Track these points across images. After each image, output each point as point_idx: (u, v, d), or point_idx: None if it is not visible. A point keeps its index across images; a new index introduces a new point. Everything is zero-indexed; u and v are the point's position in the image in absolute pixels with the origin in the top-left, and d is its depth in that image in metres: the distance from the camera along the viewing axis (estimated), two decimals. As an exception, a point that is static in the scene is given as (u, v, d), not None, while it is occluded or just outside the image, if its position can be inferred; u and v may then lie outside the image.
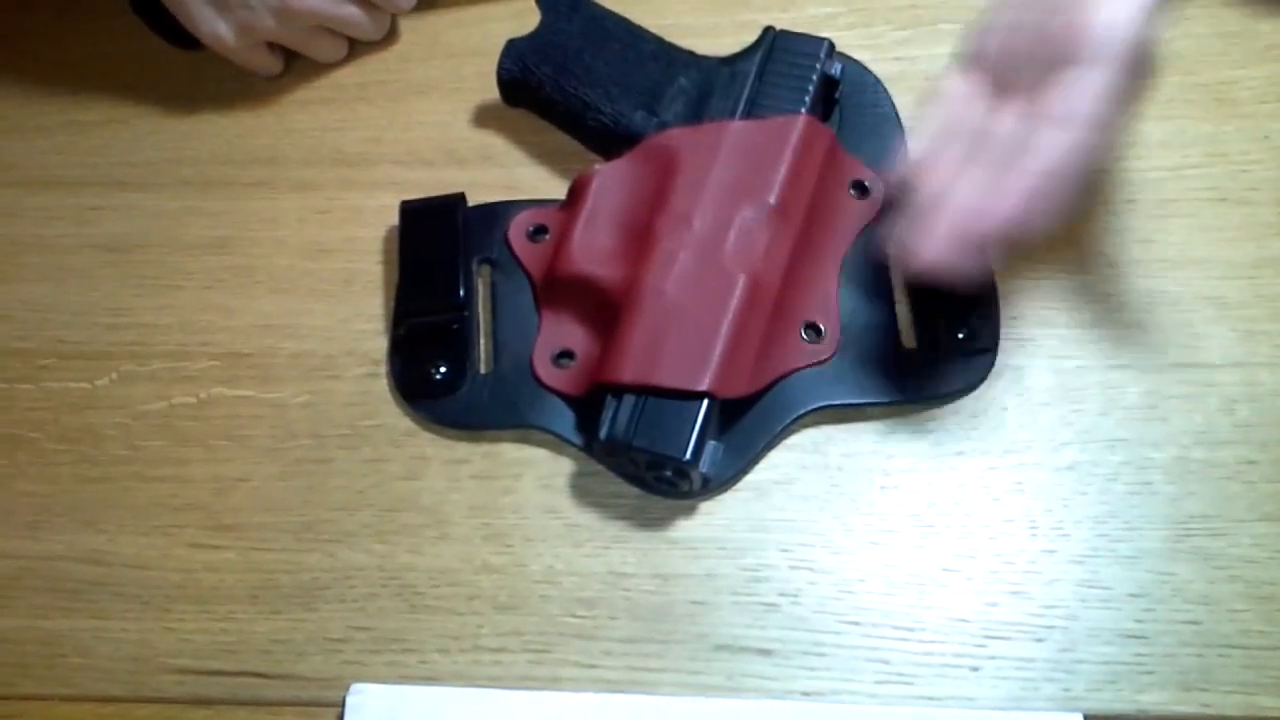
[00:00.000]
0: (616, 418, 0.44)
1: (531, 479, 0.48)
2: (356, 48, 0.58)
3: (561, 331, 0.49)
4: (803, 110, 0.49)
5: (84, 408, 0.51)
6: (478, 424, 0.49)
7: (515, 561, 0.47)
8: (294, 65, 0.58)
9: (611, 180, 0.50)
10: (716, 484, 0.47)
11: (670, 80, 0.51)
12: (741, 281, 0.46)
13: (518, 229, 0.51)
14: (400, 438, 0.49)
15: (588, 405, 0.47)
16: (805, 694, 0.44)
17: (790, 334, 0.48)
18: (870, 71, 0.54)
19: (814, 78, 0.49)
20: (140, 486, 0.49)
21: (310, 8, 0.54)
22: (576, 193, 0.51)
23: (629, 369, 0.45)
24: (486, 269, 0.52)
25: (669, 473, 0.45)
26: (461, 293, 0.50)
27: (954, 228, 0.41)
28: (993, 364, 0.48)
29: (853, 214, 0.50)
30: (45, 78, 0.59)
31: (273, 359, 0.51)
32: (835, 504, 0.47)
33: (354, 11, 0.56)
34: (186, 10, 0.54)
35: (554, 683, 0.44)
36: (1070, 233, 0.50)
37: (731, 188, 0.47)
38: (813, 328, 0.48)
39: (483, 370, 0.50)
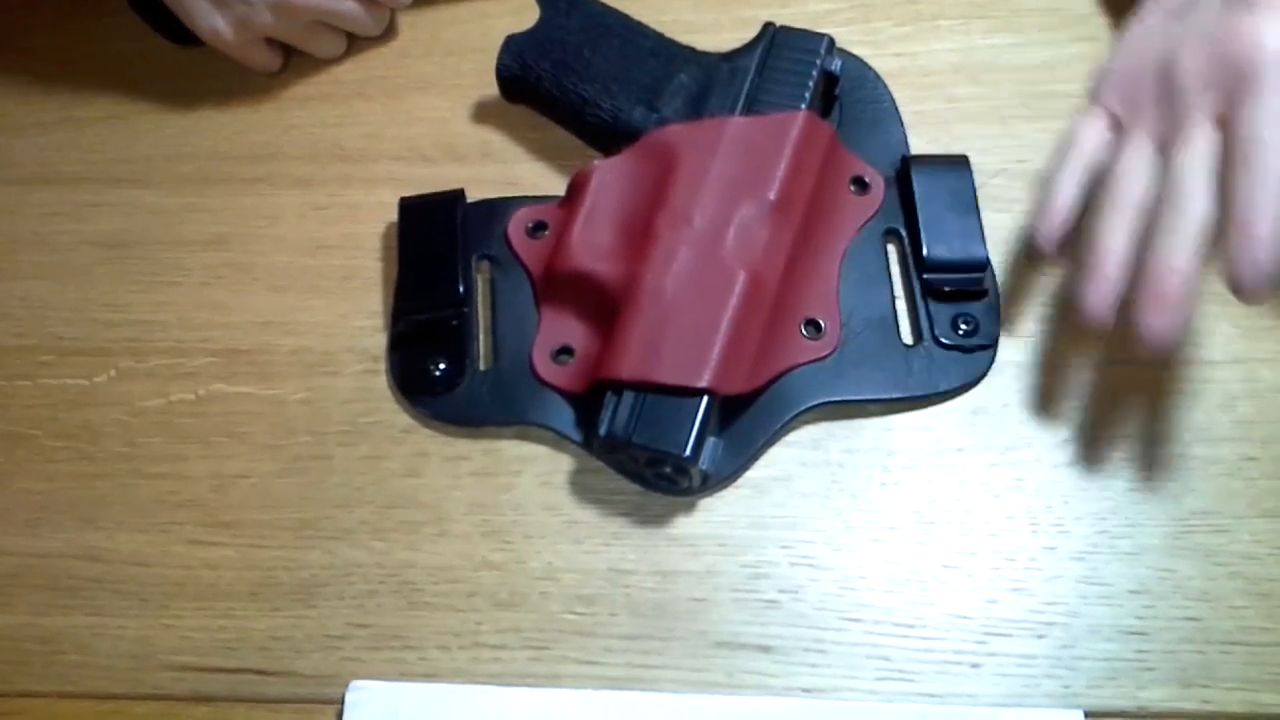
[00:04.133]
0: (616, 414, 0.44)
1: (531, 476, 0.48)
2: (355, 44, 0.58)
3: (561, 328, 0.49)
4: (803, 106, 0.49)
5: (82, 404, 0.51)
6: (477, 421, 0.49)
7: (515, 558, 0.46)
8: (293, 62, 0.58)
9: (611, 177, 0.50)
10: (716, 481, 0.47)
11: (670, 76, 0.51)
12: (741, 278, 0.46)
13: (517, 225, 0.51)
14: (399, 434, 0.49)
15: (587, 402, 0.47)
16: (806, 691, 0.44)
17: (790, 330, 0.48)
18: (870, 67, 0.54)
19: (814, 74, 0.49)
20: (139, 483, 0.49)
21: (308, 3, 0.54)
22: (576, 189, 0.51)
23: (628, 366, 0.45)
24: (486, 265, 0.52)
25: (669, 469, 0.45)
26: (461, 289, 0.50)
27: (1175, 293, 0.39)
28: (993, 360, 0.48)
29: (852, 210, 0.50)
30: (44, 74, 0.59)
31: (271, 355, 0.51)
32: (835, 501, 0.47)
33: (352, 6, 0.55)
34: (185, 5, 0.54)
35: (554, 680, 0.44)
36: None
37: (731, 184, 0.47)
38: (813, 324, 0.48)
39: (482, 367, 0.50)
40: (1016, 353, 0.48)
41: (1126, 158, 0.42)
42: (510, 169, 0.54)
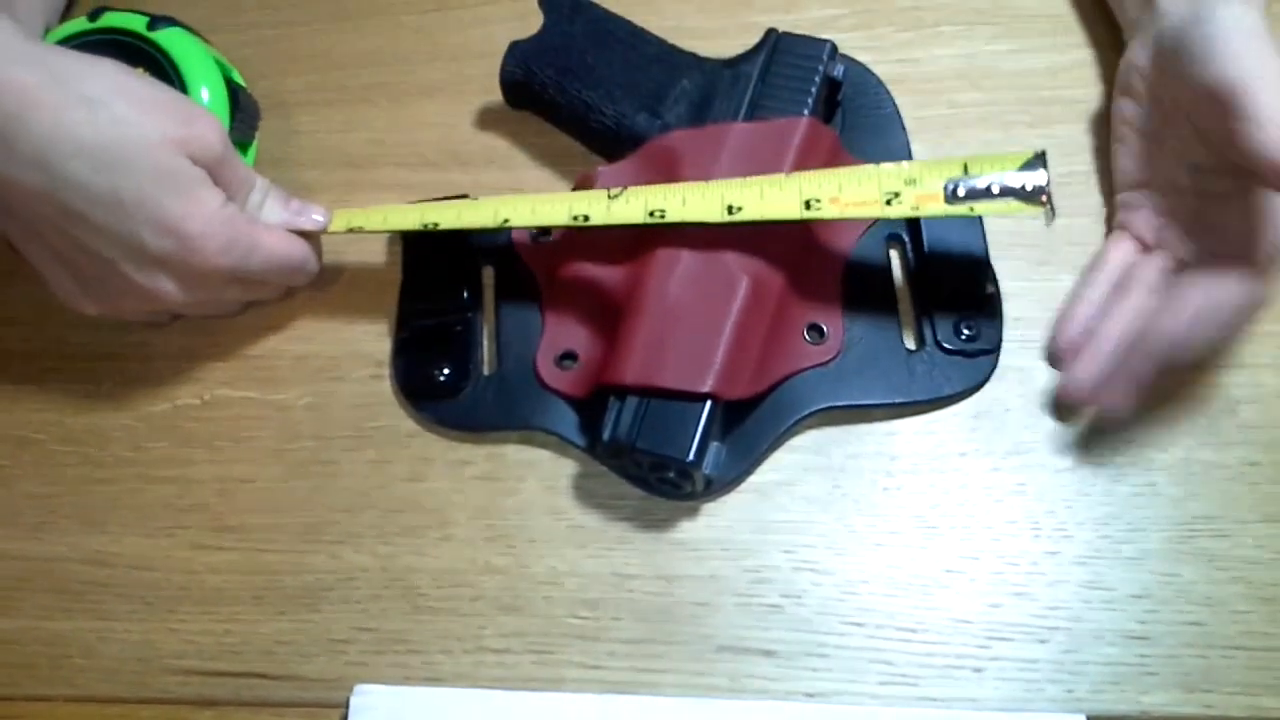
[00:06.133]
0: (620, 419, 0.44)
1: (535, 480, 0.48)
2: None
3: (565, 333, 0.49)
4: (805, 112, 0.49)
5: (89, 409, 0.51)
6: (481, 425, 0.49)
7: (518, 563, 0.47)
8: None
9: (614, 182, 0.50)
10: (719, 485, 0.47)
11: (673, 82, 0.51)
12: (744, 283, 0.46)
13: (521, 231, 0.51)
14: (404, 439, 0.49)
15: (591, 407, 0.47)
16: (808, 695, 0.44)
17: (793, 335, 0.48)
18: (873, 73, 0.54)
19: (817, 80, 0.49)
20: (144, 488, 0.49)
21: (170, 301, 0.47)
22: (579, 194, 0.51)
23: (632, 370, 0.45)
24: (490, 271, 0.52)
25: (672, 474, 0.45)
26: (465, 294, 0.50)
27: (1112, 354, 0.44)
28: (995, 365, 0.48)
29: (855, 215, 0.51)
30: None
31: (277, 360, 0.51)
32: (838, 505, 0.47)
33: (232, 294, 0.50)
34: (49, 280, 0.48)
35: (557, 684, 0.45)
36: (1075, 235, 0.51)
37: (734, 189, 0.47)
38: (815, 329, 0.48)
39: (486, 372, 0.50)
40: (1019, 358, 0.48)
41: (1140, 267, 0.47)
42: (515, 174, 0.55)
